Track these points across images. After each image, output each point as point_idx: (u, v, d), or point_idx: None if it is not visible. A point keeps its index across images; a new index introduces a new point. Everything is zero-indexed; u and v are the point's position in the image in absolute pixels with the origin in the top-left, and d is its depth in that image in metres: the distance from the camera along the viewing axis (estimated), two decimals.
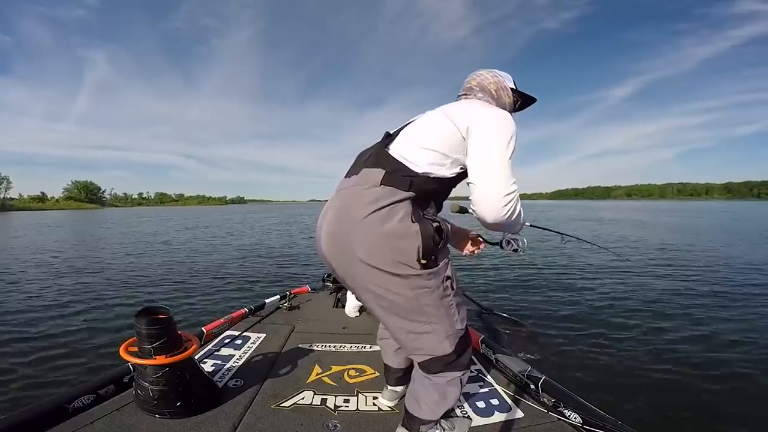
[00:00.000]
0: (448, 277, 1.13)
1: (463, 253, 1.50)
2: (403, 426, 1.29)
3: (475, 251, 1.50)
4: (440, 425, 1.30)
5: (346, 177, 1.21)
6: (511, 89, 1.33)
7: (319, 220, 1.21)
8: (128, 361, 1.54)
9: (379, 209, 1.03)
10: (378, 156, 1.14)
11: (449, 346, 1.15)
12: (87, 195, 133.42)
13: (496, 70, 1.34)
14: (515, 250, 1.38)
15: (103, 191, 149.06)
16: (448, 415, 1.32)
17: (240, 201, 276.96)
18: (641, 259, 7.86)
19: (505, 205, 1.04)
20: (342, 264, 1.13)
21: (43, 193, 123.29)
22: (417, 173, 1.09)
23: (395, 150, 1.14)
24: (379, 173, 1.08)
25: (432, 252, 1.06)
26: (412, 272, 1.05)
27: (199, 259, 8.65)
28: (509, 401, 1.64)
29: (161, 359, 1.42)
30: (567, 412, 1.50)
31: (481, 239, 1.51)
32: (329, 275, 3.53)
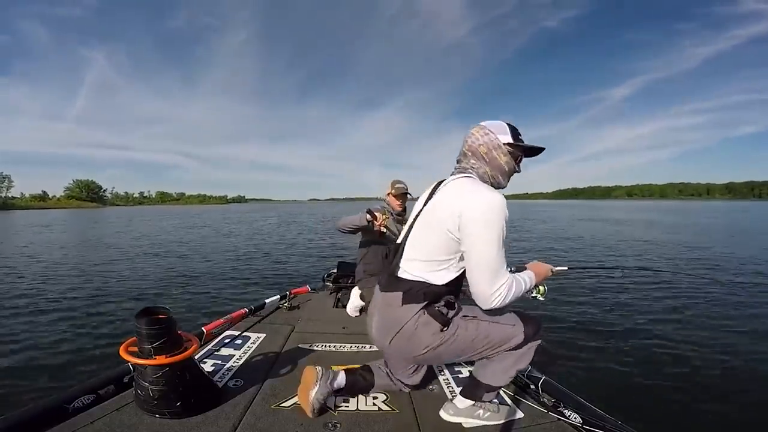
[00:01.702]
0: (465, 316, 1.34)
1: None
2: (462, 395, 1.46)
3: None
4: (485, 405, 1.45)
5: (379, 286, 1.44)
6: (508, 144, 1.27)
7: (369, 312, 1.49)
8: (128, 361, 1.53)
9: (404, 326, 1.29)
10: (392, 281, 1.35)
11: (521, 337, 1.35)
12: (88, 194, 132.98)
13: (488, 126, 1.29)
14: (534, 297, 1.52)
15: (105, 190, 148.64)
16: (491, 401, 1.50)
17: (241, 200, 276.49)
18: (642, 259, 7.85)
19: (494, 300, 1.18)
20: (394, 357, 1.50)
21: (44, 192, 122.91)
22: (427, 284, 1.28)
23: (405, 269, 1.34)
24: (398, 297, 1.30)
25: (448, 322, 1.29)
26: (444, 339, 1.29)
27: (199, 259, 8.66)
28: (509, 401, 1.63)
29: (161, 359, 1.41)
30: (567, 412, 1.50)
31: None
32: (329, 275, 3.53)
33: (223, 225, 21.91)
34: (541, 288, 1.51)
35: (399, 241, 1.44)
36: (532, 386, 1.68)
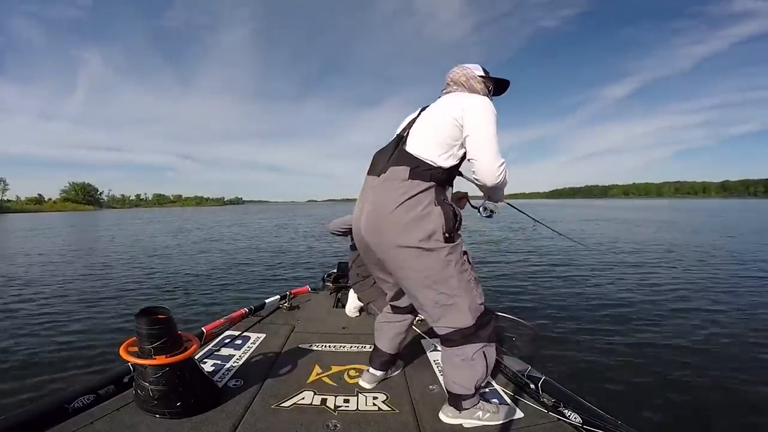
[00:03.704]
0: (465, 252, 1.38)
1: None
2: (449, 404, 1.47)
3: (461, 206, 1.77)
4: (484, 406, 1.46)
5: (371, 174, 1.45)
6: (480, 76, 1.53)
7: (355, 212, 1.47)
8: (128, 361, 1.53)
9: (409, 199, 1.28)
10: (400, 155, 1.38)
11: (471, 319, 1.35)
12: (84, 196, 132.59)
13: (464, 64, 1.56)
14: (489, 216, 1.68)
15: (101, 192, 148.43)
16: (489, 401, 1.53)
17: (238, 202, 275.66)
18: (642, 259, 7.86)
19: (500, 173, 1.31)
20: (381, 250, 1.37)
21: (40, 194, 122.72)
22: (432, 166, 1.33)
23: (411, 148, 1.37)
24: (405, 170, 1.32)
25: (453, 230, 1.31)
26: (438, 246, 1.29)
27: (199, 260, 8.65)
28: (509, 401, 1.64)
29: (161, 359, 1.41)
30: (567, 412, 1.50)
31: (467, 198, 1.78)
32: (329, 275, 3.52)
33: (223, 226, 21.88)
34: (497, 209, 1.69)
35: (401, 131, 1.49)
36: (532, 386, 1.69)
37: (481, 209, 1.70)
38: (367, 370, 1.77)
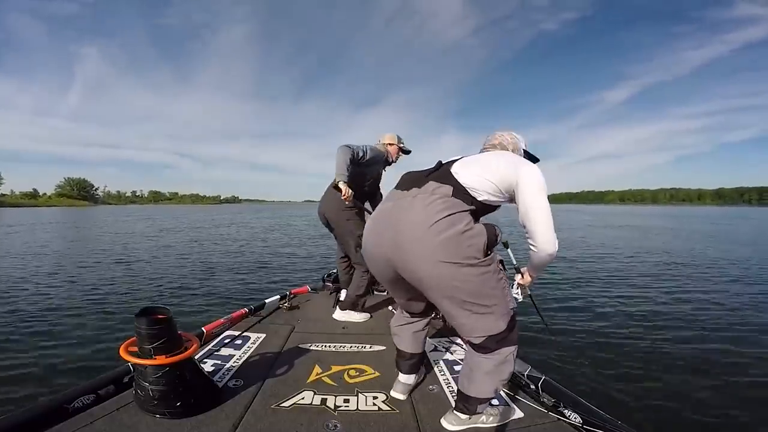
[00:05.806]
0: (501, 260, 1.38)
1: None
2: (457, 410, 1.44)
3: None
4: (488, 409, 1.46)
5: (399, 189, 1.41)
6: (523, 149, 1.58)
7: (373, 225, 1.42)
8: (128, 361, 1.53)
9: (450, 215, 1.25)
10: (444, 175, 1.37)
11: (503, 324, 1.33)
12: (80, 192, 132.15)
13: (513, 132, 1.59)
14: (517, 294, 1.59)
15: (96, 188, 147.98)
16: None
17: (234, 200, 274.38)
18: (643, 262, 7.86)
19: (557, 244, 1.34)
20: (410, 267, 1.29)
21: (35, 189, 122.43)
22: (473, 196, 1.33)
23: (457, 173, 1.36)
24: (448, 188, 1.31)
25: (493, 246, 1.31)
26: (479, 261, 1.26)
27: (199, 260, 8.64)
28: (509, 401, 1.64)
29: (161, 359, 1.42)
30: (567, 412, 1.51)
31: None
32: (329, 275, 3.52)
33: (221, 225, 21.87)
34: (527, 292, 1.64)
35: (444, 162, 1.45)
36: (532, 386, 1.69)
37: (520, 293, 1.62)
38: (397, 381, 1.72)
